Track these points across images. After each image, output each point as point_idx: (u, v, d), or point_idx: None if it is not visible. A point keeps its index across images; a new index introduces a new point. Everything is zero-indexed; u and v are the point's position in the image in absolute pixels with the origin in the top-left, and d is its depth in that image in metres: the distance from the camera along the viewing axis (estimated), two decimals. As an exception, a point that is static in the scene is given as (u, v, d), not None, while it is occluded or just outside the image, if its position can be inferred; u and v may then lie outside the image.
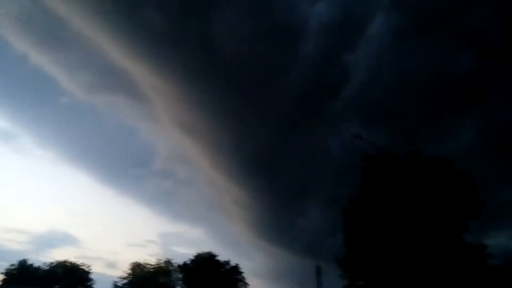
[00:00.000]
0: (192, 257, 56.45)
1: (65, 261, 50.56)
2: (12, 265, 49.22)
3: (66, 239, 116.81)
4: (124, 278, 50.47)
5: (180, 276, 54.47)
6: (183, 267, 55.28)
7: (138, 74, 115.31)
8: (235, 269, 57.43)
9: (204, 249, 57.72)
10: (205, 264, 55.78)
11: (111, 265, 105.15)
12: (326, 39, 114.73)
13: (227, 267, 57.52)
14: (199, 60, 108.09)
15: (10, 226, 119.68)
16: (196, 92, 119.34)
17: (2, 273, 48.51)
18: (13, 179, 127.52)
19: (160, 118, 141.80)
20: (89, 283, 49.94)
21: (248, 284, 57.93)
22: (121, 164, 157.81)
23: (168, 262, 53.87)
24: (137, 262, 51.94)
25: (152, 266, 52.16)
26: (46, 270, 50.16)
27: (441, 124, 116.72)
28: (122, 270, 53.15)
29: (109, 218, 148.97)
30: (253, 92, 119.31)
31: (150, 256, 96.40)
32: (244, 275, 57.44)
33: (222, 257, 58.10)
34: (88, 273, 50.52)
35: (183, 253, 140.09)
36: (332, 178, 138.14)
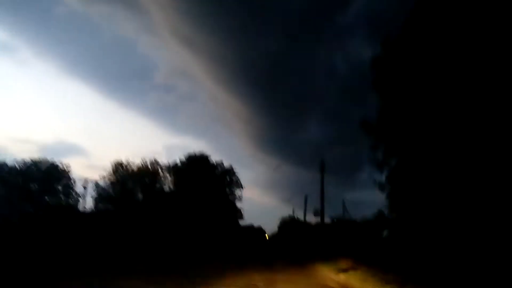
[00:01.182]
0: (182, 158, 51.68)
1: (40, 160, 45.47)
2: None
3: (74, 150, 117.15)
4: (104, 178, 45.72)
5: (169, 177, 49.90)
6: (172, 168, 50.59)
7: None
8: (229, 171, 53.17)
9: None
10: (196, 165, 51.19)
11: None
12: None
13: (220, 169, 53.22)
14: None
15: (18, 136, 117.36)
16: (196, 4, 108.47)
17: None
18: (16, 91, 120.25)
19: (159, 30, 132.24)
20: (67, 183, 45.43)
21: (243, 186, 54.35)
22: (122, 77, 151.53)
23: (155, 162, 48.81)
24: (119, 161, 46.66)
25: (136, 166, 47.18)
26: (21, 170, 45.39)
27: None
28: (103, 170, 48.39)
29: (115, 131, 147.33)
30: (258, 4, 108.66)
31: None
32: (245, 182, 53.63)
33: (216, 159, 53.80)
34: (67, 172, 45.74)
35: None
36: (334, 94, 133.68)
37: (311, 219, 75.40)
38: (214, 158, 53.85)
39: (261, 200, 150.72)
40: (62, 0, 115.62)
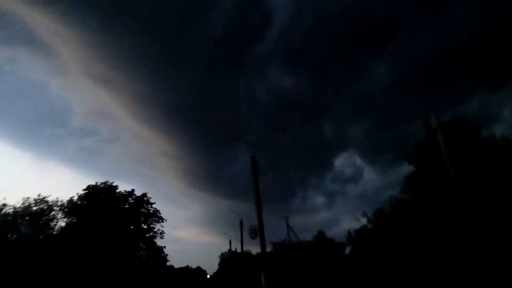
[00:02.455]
0: (82, 191, 41.59)
1: None
2: None
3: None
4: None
5: (63, 217, 39.31)
6: (68, 205, 40.16)
7: (39, 23, 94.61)
8: (142, 200, 44.03)
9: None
10: (99, 198, 41.44)
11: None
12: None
13: (132, 199, 43.90)
14: (109, 4, 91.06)
15: None
16: (110, 41, 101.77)
17: None
18: None
19: (70, 70, 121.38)
20: None
21: (163, 219, 45.32)
22: (36, 125, 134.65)
23: (41, 201, 38.14)
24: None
25: (12, 207, 36.12)
26: None
27: (357, 63, 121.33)
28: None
29: (32, 183, 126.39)
30: (173, 38, 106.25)
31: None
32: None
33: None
34: None
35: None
36: (259, 122, 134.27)
37: (253, 248, 68.22)
38: (126, 188, 44.43)
39: (200, 239, 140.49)
40: None
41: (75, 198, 40.74)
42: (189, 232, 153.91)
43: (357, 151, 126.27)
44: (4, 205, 35.05)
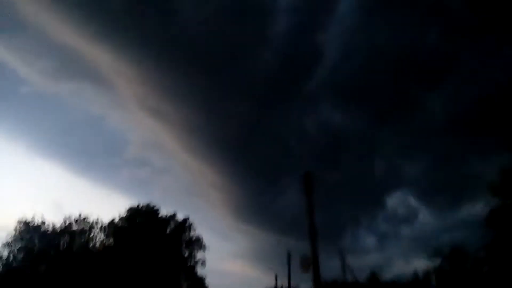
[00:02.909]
0: (123, 213, 40.01)
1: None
2: None
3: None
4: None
5: (103, 238, 37.68)
6: (109, 226, 38.61)
7: (101, 60, 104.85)
8: (184, 225, 41.27)
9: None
10: (140, 219, 39.50)
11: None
12: (296, 17, 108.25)
13: (173, 223, 41.36)
14: (163, 41, 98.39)
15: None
16: (163, 75, 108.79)
17: None
18: None
19: (127, 104, 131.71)
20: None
21: (206, 247, 41.91)
22: (93, 154, 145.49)
23: (82, 220, 36.99)
24: (24, 218, 34.55)
25: (52, 226, 35.20)
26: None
27: (412, 100, 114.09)
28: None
29: (87, 208, 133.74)
30: (225, 73, 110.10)
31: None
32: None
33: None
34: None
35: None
36: (308, 157, 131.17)
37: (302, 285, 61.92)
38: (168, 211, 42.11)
39: (245, 273, 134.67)
40: (27, 80, 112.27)
41: (116, 219, 39.14)
42: (233, 265, 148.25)
43: (412, 191, 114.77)
44: (43, 223, 34.09)
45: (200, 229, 42.10)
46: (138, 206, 40.42)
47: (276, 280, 61.75)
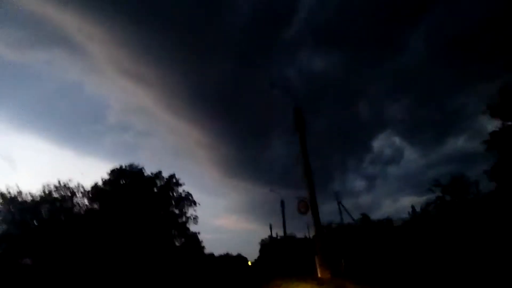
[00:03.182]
0: (106, 176, 38.11)
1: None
2: None
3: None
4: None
5: (86, 203, 35.98)
6: (92, 190, 36.77)
7: (70, 25, 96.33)
8: (171, 182, 39.88)
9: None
10: (124, 182, 37.79)
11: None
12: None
13: (159, 181, 39.88)
14: (136, 2, 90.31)
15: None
16: (138, 36, 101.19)
17: None
18: None
19: (103, 69, 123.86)
20: None
21: (196, 203, 41.06)
22: (74, 123, 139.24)
23: (63, 187, 34.91)
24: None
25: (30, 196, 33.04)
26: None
27: (392, 38, 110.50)
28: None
29: (73, 180, 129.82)
30: (201, 29, 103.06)
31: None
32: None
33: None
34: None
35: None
36: (292, 108, 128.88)
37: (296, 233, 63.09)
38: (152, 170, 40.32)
39: (240, 227, 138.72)
40: None
41: (100, 182, 37.29)
42: (228, 220, 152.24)
43: (396, 131, 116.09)
44: (19, 192, 31.92)
45: (190, 188, 41.03)
46: (121, 167, 38.55)
47: (271, 229, 62.60)
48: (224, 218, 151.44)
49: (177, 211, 40.59)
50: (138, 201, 36.73)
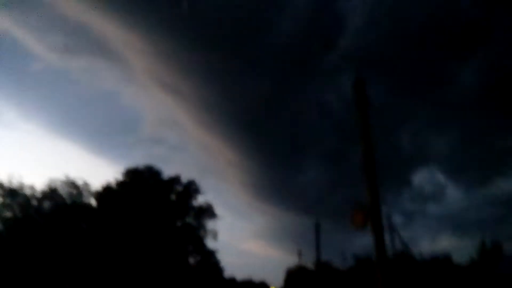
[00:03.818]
0: (120, 176, 34.09)
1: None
2: None
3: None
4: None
5: (94, 203, 31.93)
6: (103, 192, 32.75)
7: (112, 34, 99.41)
8: (190, 189, 35.03)
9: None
10: (139, 184, 33.47)
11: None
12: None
13: (178, 187, 35.17)
14: (176, 13, 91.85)
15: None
16: (177, 50, 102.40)
17: None
18: (4, 156, 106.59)
19: (140, 80, 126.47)
20: None
21: (217, 215, 35.79)
22: (109, 132, 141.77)
23: (70, 184, 31.20)
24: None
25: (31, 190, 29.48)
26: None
27: (443, 69, 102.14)
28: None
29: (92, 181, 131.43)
30: (241, 46, 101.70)
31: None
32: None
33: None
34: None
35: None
36: (330, 132, 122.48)
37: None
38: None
39: (265, 253, 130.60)
40: (38, 56, 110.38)
41: (112, 183, 33.24)
42: (254, 245, 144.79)
43: (439, 167, 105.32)
44: (21, 184, 28.42)
45: (219, 208, 35.89)
46: (136, 168, 34.33)
47: (300, 255, 55.59)
48: (250, 242, 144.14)
49: (195, 223, 35.49)
50: (151, 207, 32.16)
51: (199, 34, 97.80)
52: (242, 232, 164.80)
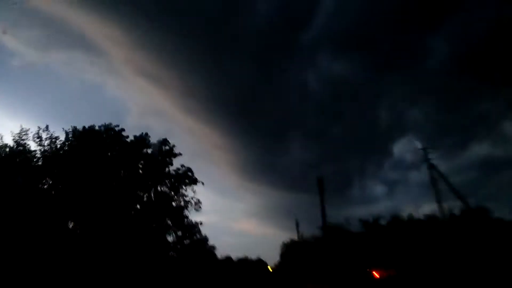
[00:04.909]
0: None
1: None
2: None
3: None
4: None
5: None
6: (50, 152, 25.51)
7: (90, 27, 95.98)
8: (163, 150, 28.17)
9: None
10: (95, 146, 26.29)
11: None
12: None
13: (147, 150, 28.23)
14: (153, 4, 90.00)
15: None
16: (157, 38, 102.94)
17: None
18: None
19: (122, 71, 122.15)
20: None
21: (198, 180, 29.19)
22: (92, 123, 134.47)
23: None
24: None
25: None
26: None
27: (414, 42, 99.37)
28: None
29: None
30: (219, 31, 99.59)
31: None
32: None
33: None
34: None
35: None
36: (311, 112, 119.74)
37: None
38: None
39: (257, 231, 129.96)
40: (16, 52, 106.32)
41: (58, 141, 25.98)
42: (246, 224, 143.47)
43: (418, 136, 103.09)
44: None
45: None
46: (91, 127, 27.05)
47: (297, 226, 50.75)
48: (243, 222, 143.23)
49: (170, 192, 28.85)
50: (110, 175, 25.35)
51: (178, 21, 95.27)
52: (234, 213, 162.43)
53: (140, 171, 27.58)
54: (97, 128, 27.17)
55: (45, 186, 23.99)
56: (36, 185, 23.17)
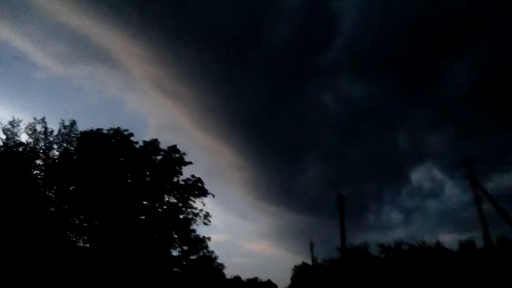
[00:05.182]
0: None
1: None
2: None
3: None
4: None
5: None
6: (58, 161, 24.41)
7: (112, 42, 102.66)
8: (171, 158, 26.61)
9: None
10: (102, 152, 25.02)
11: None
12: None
13: (156, 157, 26.76)
14: (175, 20, 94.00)
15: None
16: (177, 55, 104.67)
17: None
18: None
19: (142, 86, 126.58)
20: None
21: (208, 192, 27.39)
22: (100, 127, 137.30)
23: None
24: None
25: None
26: None
27: (435, 69, 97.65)
28: None
29: None
30: (239, 50, 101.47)
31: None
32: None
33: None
34: None
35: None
36: (328, 134, 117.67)
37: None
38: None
39: (268, 252, 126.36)
40: (40, 65, 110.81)
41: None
42: (258, 245, 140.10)
43: (437, 164, 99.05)
44: None
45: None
46: (98, 130, 25.89)
47: (312, 247, 48.00)
48: (255, 243, 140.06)
49: (179, 204, 27.12)
50: (118, 182, 23.92)
51: (199, 40, 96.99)
52: (247, 233, 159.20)
53: (148, 179, 26.05)
54: (105, 131, 26.01)
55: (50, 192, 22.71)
56: (40, 189, 21.91)
